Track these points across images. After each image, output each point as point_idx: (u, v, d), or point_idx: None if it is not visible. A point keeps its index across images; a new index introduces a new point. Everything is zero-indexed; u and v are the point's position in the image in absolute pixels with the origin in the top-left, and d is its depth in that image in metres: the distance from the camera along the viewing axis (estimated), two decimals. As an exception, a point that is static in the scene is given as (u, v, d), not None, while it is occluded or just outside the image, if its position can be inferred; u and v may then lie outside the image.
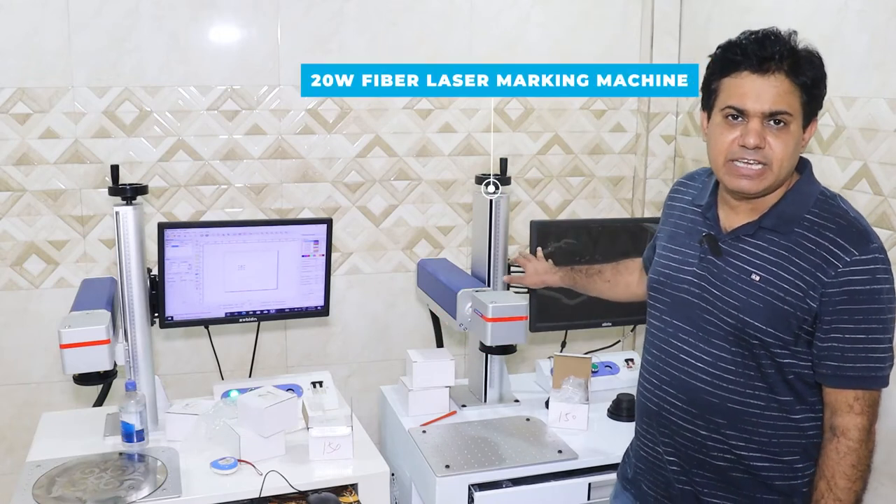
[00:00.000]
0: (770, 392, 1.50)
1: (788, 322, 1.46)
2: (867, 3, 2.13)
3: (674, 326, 1.60)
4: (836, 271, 1.42)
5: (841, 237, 1.43)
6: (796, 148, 1.47)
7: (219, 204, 2.70)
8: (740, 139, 1.45)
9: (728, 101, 1.47)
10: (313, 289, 2.32)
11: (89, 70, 2.54)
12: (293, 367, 2.87)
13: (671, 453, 1.61)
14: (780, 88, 1.43)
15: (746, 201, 1.53)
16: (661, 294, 1.64)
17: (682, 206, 1.69)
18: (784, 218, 1.49)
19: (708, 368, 1.54)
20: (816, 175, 2.33)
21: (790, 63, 1.44)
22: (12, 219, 2.56)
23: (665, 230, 1.71)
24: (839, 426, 1.47)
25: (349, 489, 1.98)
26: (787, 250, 1.47)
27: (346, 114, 2.76)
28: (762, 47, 1.44)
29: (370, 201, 2.84)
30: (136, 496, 1.82)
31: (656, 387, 1.63)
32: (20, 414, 2.66)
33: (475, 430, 2.25)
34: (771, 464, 1.53)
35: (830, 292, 1.42)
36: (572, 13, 2.90)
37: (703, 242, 1.57)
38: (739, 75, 1.46)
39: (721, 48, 1.51)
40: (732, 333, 1.50)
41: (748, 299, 1.48)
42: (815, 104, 1.48)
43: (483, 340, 2.24)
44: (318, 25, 2.69)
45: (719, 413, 1.53)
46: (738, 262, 1.51)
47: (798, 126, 1.46)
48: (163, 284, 2.16)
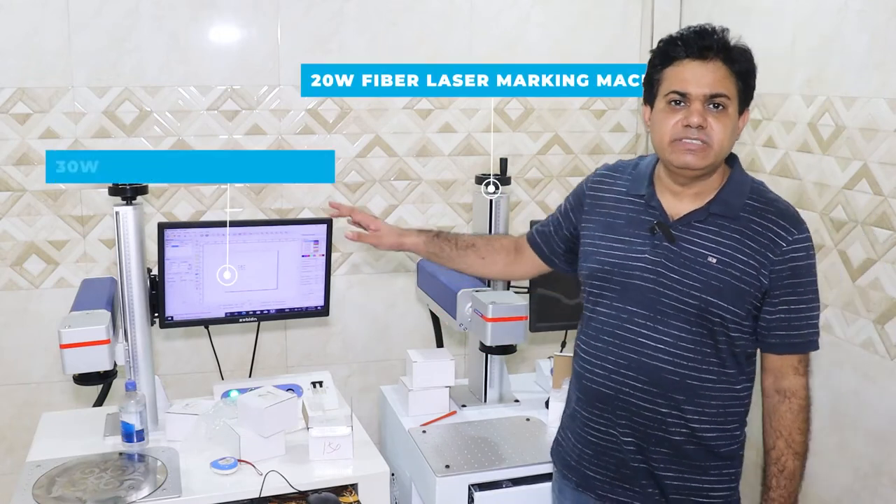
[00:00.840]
0: (721, 366, 1.63)
1: (744, 299, 1.58)
2: (867, 3, 2.13)
3: (628, 312, 1.66)
4: (781, 250, 1.57)
5: (781, 219, 1.59)
6: (733, 131, 1.59)
7: (219, 204, 2.70)
8: (684, 120, 1.56)
9: (671, 87, 1.57)
10: (313, 289, 2.32)
11: (89, 70, 2.54)
12: (293, 367, 2.87)
13: (629, 434, 1.67)
14: (718, 73, 1.55)
15: (689, 187, 1.63)
16: (609, 283, 1.69)
17: (615, 196, 1.74)
18: (730, 204, 1.61)
19: (668, 349, 1.62)
20: (816, 176, 2.35)
21: (726, 52, 1.57)
22: (12, 219, 2.56)
23: (595, 221, 1.75)
24: (788, 388, 1.63)
25: (349, 489, 1.98)
26: (738, 233, 1.59)
27: (346, 114, 2.77)
28: (702, 38, 1.57)
29: (370, 201, 2.84)
30: (136, 496, 1.82)
31: (612, 371, 1.67)
32: (20, 414, 2.66)
33: (475, 430, 2.25)
34: (719, 433, 1.65)
35: (778, 269, 1.57)
36: (572, 13, 2.90)
37: (654, 230, 1.64)
38: (681, 63, 1.57)
39: (663, 42, 1.62)
40: (694, 314, 1.60)
41: (708, 280, 1.58)
42: (748, 92, 1.61)
43: (483, 340, 2.24)
44: (318, 25, 2.69)
45: (679, 390, 1.62)
46: (693, 247, 1.61)
47: (735, 110, 1.58)
48: (163, 284, 2.16)
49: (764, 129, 2.53)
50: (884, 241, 2.11)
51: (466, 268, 2.06)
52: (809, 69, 2.33)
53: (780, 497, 1.64)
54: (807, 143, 2.35)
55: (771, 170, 2.50)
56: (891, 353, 2.11)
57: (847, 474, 2.26)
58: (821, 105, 2.29)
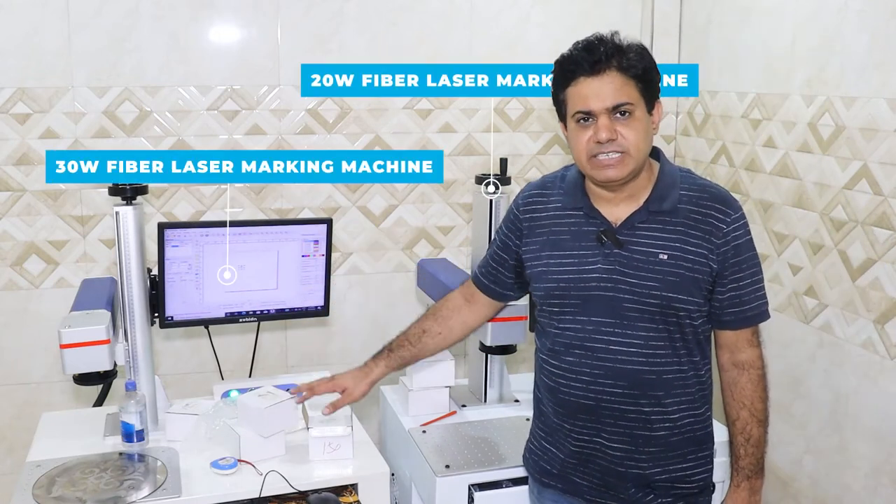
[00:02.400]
0: (689, 356, 1.68)
1: (700, 287, 1.63)
2: (867, 3, 2.13)
3: (593, 323, 1.68)
4: (722, 232, 1.62)
5: (716, 202, 1.64)
6: (647, 131, 1.62)
7: (219, 204, 2.70)
8: (594, 137, 1.58)
9: (575, 108, 1.60)
10: (313, 289, 2.32)
11: (89, 70, 2.54)
12: (293, 367, 2.87)
13: (616, 440, 1.69)
14: (614, 83, 1.57)
15: (620, 191, 1.66)
16: (568, 298, 1.70)
17: (551, 213, 1.75)
18: (666, 199, 1.65)
19: (640, 350, 1.65)
20: (816, 176, 2.35)
21: (618, 60, 1.57)
22: (12, 219, 2.56)
23: (537, 242, 1.75)
24: (746, 361, 1.70)
25: (349, 489, 1.98)
26: (680, 226, 1.63)
27: (346, 114, 2.77)
28: (590, 53, 1.58)
29: (370, 201, 2.84)
30: (136, 496, 1.82)
31: (590, 383, 1.68)
32: (20, 414, 2.66)
33: (475, 430, 2.25)
34: (694, 418, 1.71)
35: (723, 251, 1.63)
36: (572, 13, 2.90)
37: (601, 239, 1.66)
38: (578, 82, 1.60)
39: (557, 63, 1.65)
40: (657, 312, 1.63)
41: (665, 277, 1.62)
42: (652, 89, 1.62)
43: (483, 340, 2.24)
44: (318, 25, 2.69)
45: (657, 387, 1.66)
46: (642, 248, 1.64)
47: (643, 112, 1.60)
48: (163, 284, 2.16)
49: (764, 129, 2.53)
50: (884, 241, 2.11)
51: (435, 351, 2.04)
52: (809, 69, 2.33)
53: (749, 465, 1.71)
54: (807, 143, 2.35)
55: (771, 170, 2.50)
56: (891, 353, 2.11)
57: (847, 474, 2.26)
58: (821, 105, 2.29)
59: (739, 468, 1.72)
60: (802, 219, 2.38)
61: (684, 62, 2.93)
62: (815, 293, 2.35)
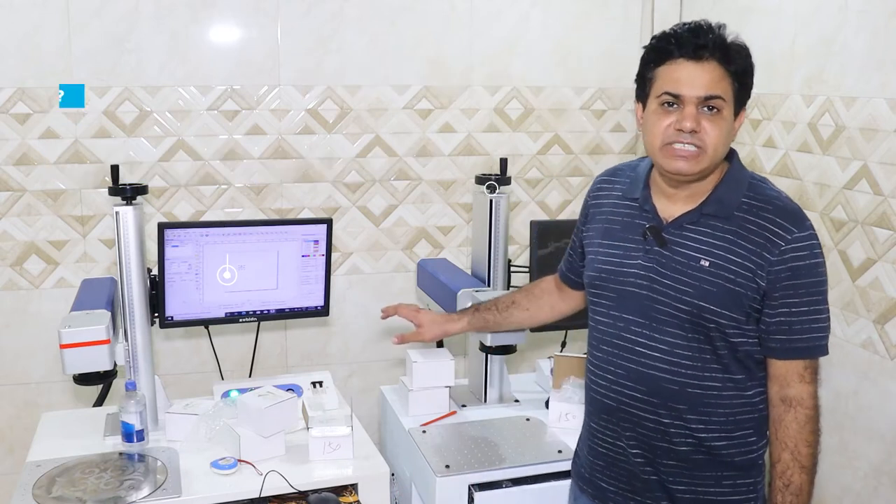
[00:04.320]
0: (725, 372, 1.55)
1: (741, 302, 1.51)
2: (867, 3, 2.13)
3: (624, 320, 1.62)
4: (779, 250, 1.49)
5: (779, 217, 1.51)
6: (729, 134, 1.53)
7: (219, 204, 2.70)
8: (676, 123, 1.49)
9: (664, 88, 1.51)
10: (313, 289, 2.32)
11: (89, 70, 2.54)
12: (293, 367, 2.87)
13: (635, 445, 1.62)
14: (713, 74, 1.48)
15: (683, 189, 1.57)
16: (606, 290, 1.65)
17: (612, 202, 1.70)
18: (724, 204, 1.54)
19: (665, 357, 1.56)
20: (816, 176, 2.35)
21: (722, 52, 1.49)
22: (12, 219, 2.56)
23: (595, 228, 1.71)
24: (793, 397, 1.54)
25: (349, 489, 1.98)
26: (731, 234, 1.52)
27: (346, 114, 2.76)
28: (696, 36, 1.49)
29: (370, 201, 2.84)
30: (136, 496, 1.82)
31: (613, 382, 1.63)
32: (20, 414, 2.66)
33: (475, 430, 2.25)
34: (729, 441, 1.57)
35: (776, 269, 1.49)
36: (572, 13, 2.90)
37: (646, 234, 1.59)
38: (674, 62, 1.50)
39: (656, 38, 1.55)
40: (688, 320, 1.54)
41: (700, 285, 1.52)
42: (744, 93, 1.54)
43: (483, 340, 2.24)
44: (318, 25, 2.69)
45: (679, 399, 1.56)
46: (685, 251, 1.55)
47: (730, 112, 1.51)
48: (163, 284, 2.16)
49: (764, 129, 2.53)
50: (884, 241, 2.11)
51: (517, 325, 2.03)
52: (809, 69, 2.33)
53: None
54: (807, 143, 2.35)
55: (771, 170, 2.50)
56: (891, 353, 2.11)
57: (847, 474, 2.26)
58: (821, 105, 2.29)
59: None
60: (802, 219, 2.38)
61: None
62: (815, 293, 2.35)
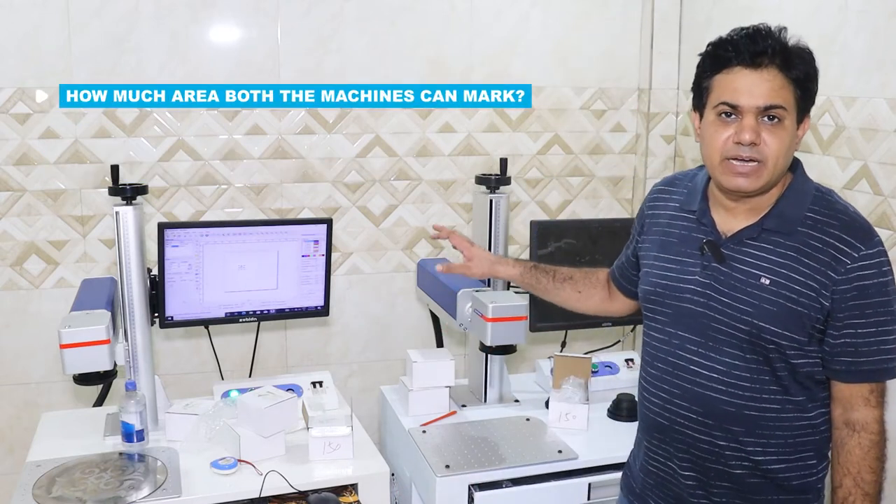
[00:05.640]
0: (784, 394, 1.49)
1: (802, 323, 1.44)
2: (867, 3, 2.13)
3: (679, 338, 1.56)
4: (845, 268, 1.41)
5: (846, 234, 1.43)
6: (791, 144, 1.45)
7: (219, 204, 2.70)
8: (735, 136, 1.43)
9: (721, 98, 1.44)
10: (313, 289, 2.32)
11: (89, 70, 2.54)
12: (293, 367, 2.87)
13: (688, 468, 1.57)
14: (773, 83, 1.41)
15: (743, 202, 1.50)
16: (661, 306, 1.59)
17: (670, 213, 1.64)
18: (786, 218, 1.47)
19: (722, 378, 1.50)
20: (816, 175, 2.34)
21: (782, 58, 1.42)
22: (12, 219, 2.56)
23: (651, 239, 1.66)
24: (858, 421, 1.48)
25: (349, 489, 1.98)
26: (794, 251, 1.45)
27: (346, 114, 2.76)
28: (754, 42, 1.43)
29: (370, 201, 2.84)
30: (136, 496, 1.82)
31: (666, 401, 1.58)
32: (20, 414, 2.66)
33: (475, 430, 2.25)
34: (787, 465, 1.52)
35: (842, 289, 1.42)
36: (572, 13, 2.90)
37: (703, 250, 1.52)
38: (732, 71, 1.44)
39: (712, 45, 1.49)
40: (746, 340, 1.48)
41: (761, 304, 1.45)
42: (808, 99, 1.46)
43: (483, 340, 2.24)
44: (318, 25, 2.69)
45: (736, 421, 1.51)
46: (744, 267, 1.48)
47: (792, 122, 1.44)
48: (163, 284, 2.16)
49: (764, 129, 2.53)
50: (884, 240, 2.10)
51: (562, 301, 1.97)
52: (809, 69, 2.33)
53: None
54: (807, 143, 2.35)
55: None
56: (891, 353, 2.10)
57: (847, 474, 2.25)
58: (821, 105, 2.29)
59: None
60: (802, 219, 2.38)
61: (684, 62, 2.92)
62: (815, 293, 2.35)
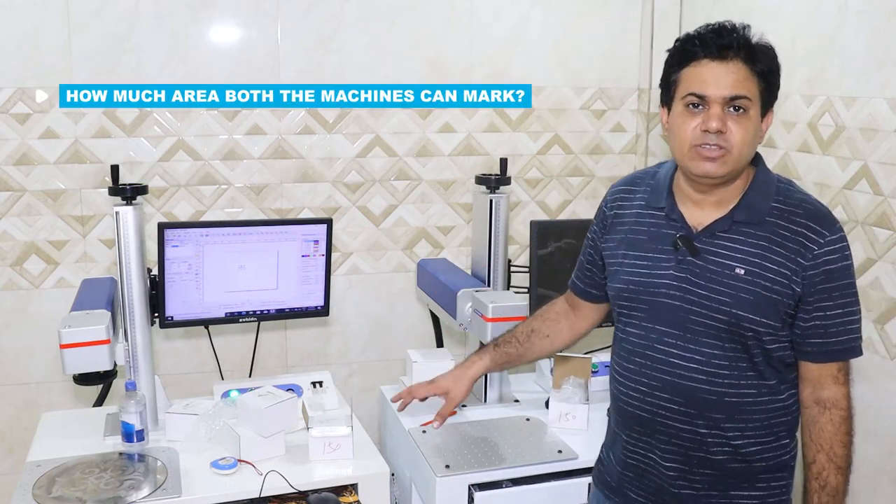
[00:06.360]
0: (760, 379, 1.55)
1: (777, 309, 1.51)
2: (867, 3, 2.13)
3: (657, 332, 1.59)
4: (813, 254, 1.49)
5: (812, 221, 1.51)
6: (755, 135, 1.52)
7: (219, 204, 2.70)
8: (702, 125, 1.48)
9: (689, 89, 1.50)
10: (313, 289, 2.32)
11: (89, 70, 2.54)
12: (293, 367, 2.87)
13: (670, 458, 1.61)
14: (738, 74, 1.48)
15: (710, 194, 1.56)
16: (636, 302, 1.62)
17: (635, 211, 1.67)
18: (755, 210, 1.54)
19: (702, 367, 1.55)
20: (816, 176, 2.35)
21: (747, 52, 1.49)
22: (12, 219, 2.56)
23: (617, 239, 1.68)
24: (828, 399, 1.55)
25: (349, 489, 1.98)
26: (765, 240, 1.51)
27: (346, 114, 2.76)
28: (720, 36, 1.49)
29: (370, 201, 2.84)
30: (136, 496, 1.82)
31: (646, 394, 1.61)
32: (20, 414, 2.66)
33: (475, 430, 2.25)
34: (763, 447, 1.58)
35: (811, 274, 1.49)
36: (572, 13, 2.90)
37: (677, 244, 1.56)
38: (699, 64, 1.50)
39: (680, 41, 1.56)
40: (725, 329, 1.53)
41: (738, 294, 1.51)
42: (771, 93, 1.53)
43: (483, 340, 2.24)
44: (318, 25, 2.69)
45: (717, 409, 1.55)
46: (719, 259, 1.53)
47: (757, 113, 1.50)
48: (163, 284, 2.16)
49: (764, 129, 2.53)
50: (884, 241, 2.11)
51: (539, 355, 1.99)
52: (809, 69, 2.33)
53: None
54: (807, 143, 2.35)
55: (771, 170, 2.50)
56: (891, 353, 2.11)
57: (847, 474, 2.25)
58: (821, 105, 2.29)
59: None
60: (802, 219, 2.38)
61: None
62: (815, 293, 2.35)
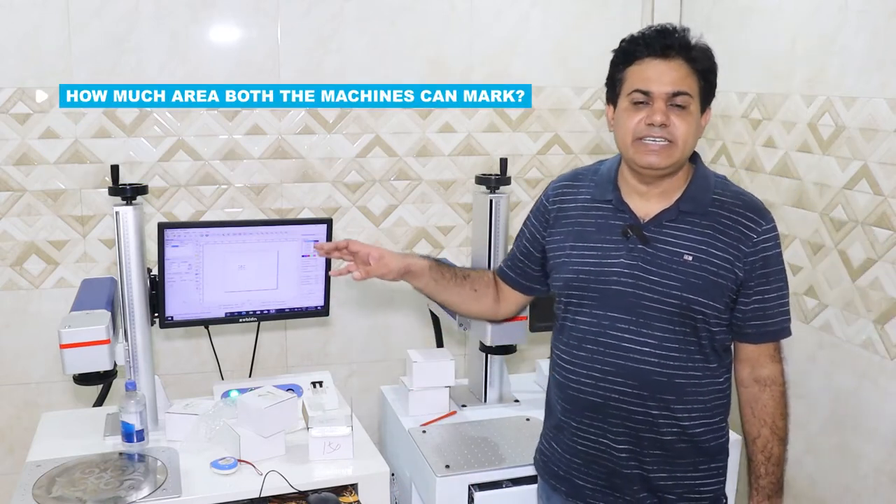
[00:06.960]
0: (704, 362, 1.65)
1: (722, 293, 1.61)
2: (867, 3, 2.13)
3: (609, 318, 1.66)
4: (752, 241, 1.61)
5: (749, 212, 1.63)
6: (696, 129, 1.62)
7: (219, 204, 2.70)
8: (647, 118, 1.57)
9: (634, 86, 1.59)
10: (313, 289, 2.32)
11: (89, 70, 2.54)
12: (293, 367, 2.87)
13: (623, 440, 1.67)
14: (680, 72, 1.58)
15: (655, 186, 1.65)
16: (586, 291, 1.68)
17: (581, 205, 1.74)
18: (698, 201, 1.64)
19: (654, 351, 1.63)
20: (816, 176, 2.35)
21: (687, 52, 1.60)
22: (12, 219, 2.56)
23: (563, 231, 1.74)
24: (768, 377, 1.68)
25: (349, 489, 1.98)
26: (709, 229, 1.62)
27: (346, 114, 2.76)
28: (663, 37, 1.60)
29: (370, 201, 2.84)
30: (136, 496, 1.82)
31: (599, 380, 1.67)
32: (20, 414, 2.66)
33: (475, 430, 2.25)
34: (706, 428, 1.67)
35: (751, 260, 1.61)
36: (572, 13, 2.90)
37: (627, 233, 1.64)
38: (643, 62, 1.60)
39: (625, 41, 1.65)
40: (676, 313, 1.61)
41: (687, 279, 1.60)
42: (710, 91, 1.64)
43: (483, 340, 2.25)
44: (318, 25, 2.69)
45: (668, 390, 1.64)
46: (668, 247, 1.62)
47: (697, 108, 1.61)
48: (163, 284, 2.16)
49: (764, 129, 2.53)
50: (884, 241, 2.11)
51: (459, 299, 1.93)
52: (809, 69, 2.33)
53: (770, 484, 1.70)
54: (807, 143, 2.35)
55: (771, 170, 2.50)
56: (891, 353, 2.11)
57: (847, 474, 2.25)
58: (821, 105, 2.29)
59: (760, 487, 1.70)
60: (802, 219, 2.38)
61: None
62: (815, 293, 2.35)
